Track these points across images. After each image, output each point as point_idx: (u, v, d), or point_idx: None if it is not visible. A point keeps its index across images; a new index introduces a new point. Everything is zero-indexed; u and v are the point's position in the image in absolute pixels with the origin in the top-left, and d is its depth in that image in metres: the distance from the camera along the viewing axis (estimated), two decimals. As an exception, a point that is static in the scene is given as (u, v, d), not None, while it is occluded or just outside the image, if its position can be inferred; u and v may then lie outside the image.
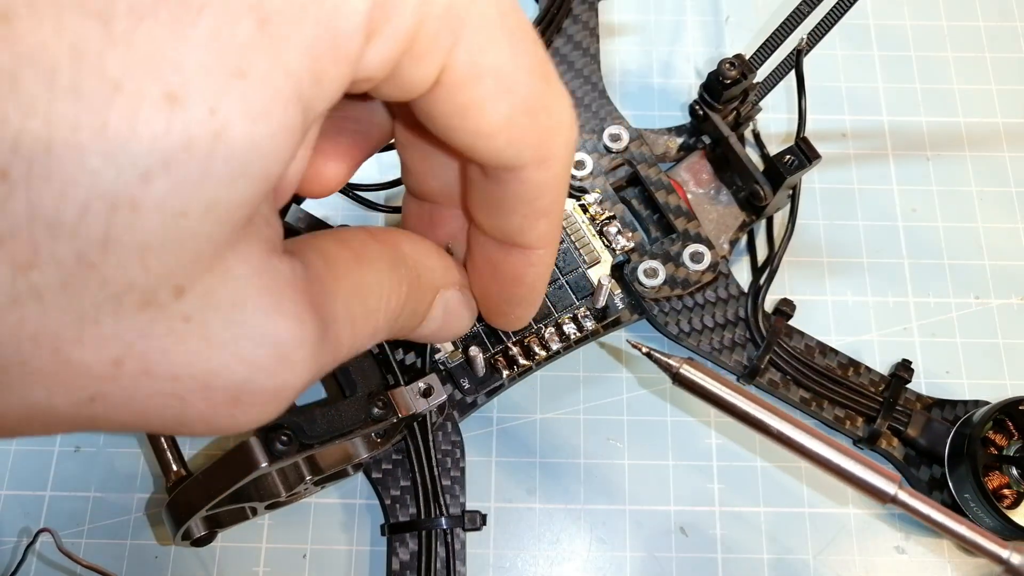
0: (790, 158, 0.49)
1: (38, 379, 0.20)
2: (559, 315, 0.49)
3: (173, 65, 0.19)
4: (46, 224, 0.18)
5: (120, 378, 0.21)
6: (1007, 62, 0.62)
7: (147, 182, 0.19)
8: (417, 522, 0.46)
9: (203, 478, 0.40)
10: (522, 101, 0.27)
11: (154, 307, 0.21)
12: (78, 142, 0.18)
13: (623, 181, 0.53)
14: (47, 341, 0.20)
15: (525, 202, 0.31)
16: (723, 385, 0.38)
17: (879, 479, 0.36)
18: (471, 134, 0.27)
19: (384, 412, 0.40)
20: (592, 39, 0.56)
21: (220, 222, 0.21)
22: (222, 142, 0.19)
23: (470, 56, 0.25)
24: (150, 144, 0.19)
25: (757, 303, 0.51)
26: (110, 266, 0.19)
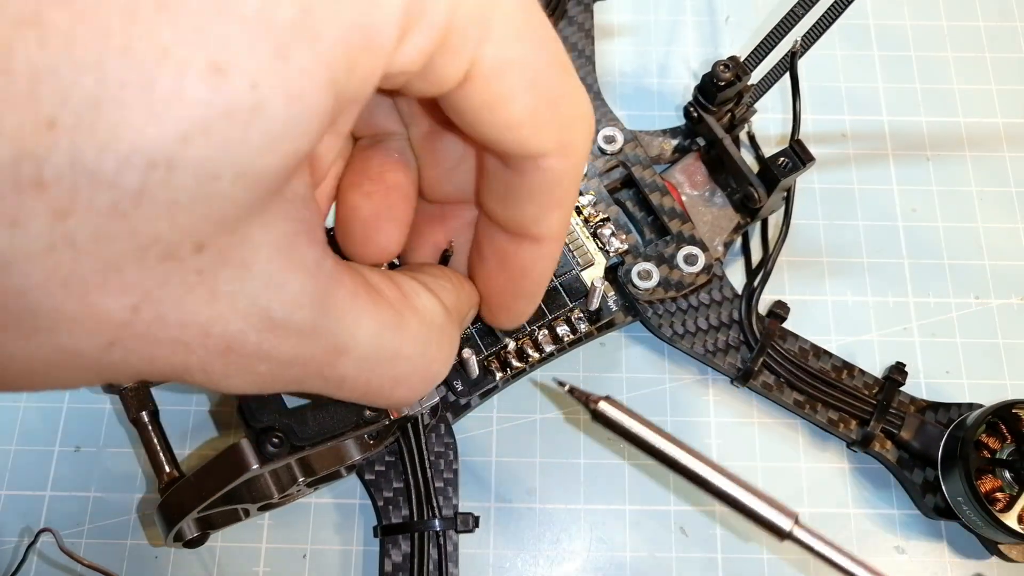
0: (784, 160, 0.49)
1: (65, 324, 0.21)
2: (552, 317, 0.49)
3: (220, 39, 0.20)
4: (87, 174, 0.19)
5: (136, 324, 0.22)
6: (1007, 62, 0.62)
7: (185, 143, 0.20)
8: (410, 524, 0.47)
9: (195, 480, 0.40)
10: (545, 93, 0.28)
11: (174, 260, 0.22)
12: (125, 99, 0.19)
13: (617, 183, 0.53)
14: (76, 286, 0.21)
15: (543, 191, 0.31)
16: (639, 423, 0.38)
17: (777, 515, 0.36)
18: (499, 126, 0.28)
19: (376, 414, 0.40)
20: (587, 41, 0.56)
21: (248, 189, 0.22)
22: (259, 115, 0.21)
23: (497, 50, 0.26)
24: (192, 108, 0.20)
25: (751, 305, 0.51)
26: (141, 218, 0.20)
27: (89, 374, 0.24)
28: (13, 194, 0.19)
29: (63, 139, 0.19)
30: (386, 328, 0.30)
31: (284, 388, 0.28)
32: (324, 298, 0.27)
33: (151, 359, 0.24)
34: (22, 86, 0.18)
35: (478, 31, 0.25)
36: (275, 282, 0.25)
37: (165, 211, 0.21)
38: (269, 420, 0.37)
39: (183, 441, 0.51)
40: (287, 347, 0.26)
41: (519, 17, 0.27)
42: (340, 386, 0.30)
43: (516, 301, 0.37)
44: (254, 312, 0.24)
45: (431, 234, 0.38)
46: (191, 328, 0.23)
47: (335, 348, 0.28)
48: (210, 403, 0.52)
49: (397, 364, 0.31)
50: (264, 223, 0.24)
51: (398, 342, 0.30)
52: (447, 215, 0.37)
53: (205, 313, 0.23)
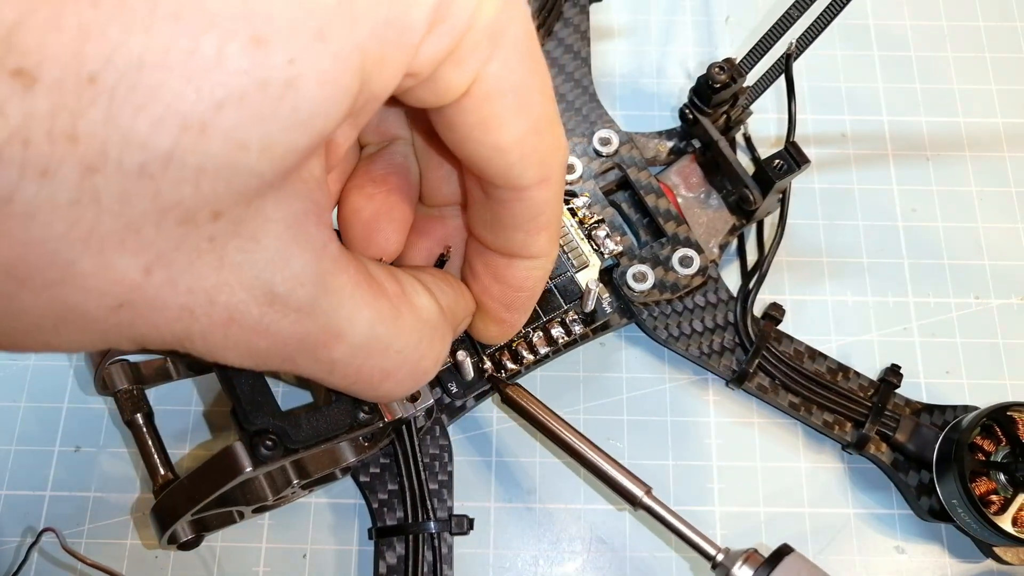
0: (779, 162, 0.49)
1: (78, 281, 0.22)
2: (547, 319, 0.49)
3: (264, 15, 0.21)
4: (120, 132, 0.20)
5: (147, 287, 0.23)
6: (1007, 62, 0.62)
7: (220, 110, 0.21)
8: (404, 526, 0.47)
9: (188, 482, 0.40)
10: (535, 120, 0.29)
11: (190, 225, 0.22)
12: (167, 62, 0.20)
13: (613, 185, 0.53)
14: (95, 243, 0.21)
15: (527, 219, 0.32)
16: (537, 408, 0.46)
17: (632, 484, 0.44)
18: (488, 147, 0.28)
19: (370, 416, 0.40)
20: (583, 42, 0.56)
21: (271, 161, 0.22)
22: (292, 90, 0.21)
23: (500, 70, 0.27)
24: (230, 76, 0.20)
25: (746, 307, 0.51)
26: (167, 181, 0.21)
27: (94, 335, 0.24)
28: (46, 144, 0.19)
29: (102, 96, 0.19)
30: (382, 320, 0.30)
31: (278, 366, 0.29)
32: (326, 280, 0.27)
33: (156, 324, 0.24)
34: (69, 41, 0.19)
35: (488, 48, 0.26)
36: (281, 257, 0.25)
37: (191, 176, 0.21)
38: (263, 423, 0.37)
39: (178, 442, 0.51)
40: (286, 323, 0.27)
41: (524, 42, 0.27)
42: (331, 370, 0.30)
43: (511, 314, 0.38)
44: (258, 284, 0.25)
45: (429, 235, 0.38)
46: (198, 294, 0.24)
47: (331, 331, 0.28)
48: (205, 405, 0.52)
49: (388, 356, 0.31)
50: (278, 199, 0.24)
51: (391, 335, 0.31)
52: (445, 217, 0.38)
53: (212, 279, 0.24)
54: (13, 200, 0.20)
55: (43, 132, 0.19)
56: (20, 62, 0.18)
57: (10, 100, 0.19)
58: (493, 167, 0.29)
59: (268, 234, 0.25)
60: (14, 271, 0.21)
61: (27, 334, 0.23)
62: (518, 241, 0.34)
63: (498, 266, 0.36)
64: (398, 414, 0.42)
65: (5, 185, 0.19)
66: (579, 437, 0.45)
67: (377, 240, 0.36)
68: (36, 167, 0.19)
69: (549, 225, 0.33)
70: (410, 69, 0.25)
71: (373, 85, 0.24)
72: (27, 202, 0.20)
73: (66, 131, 0.19)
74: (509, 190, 0.31)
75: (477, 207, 0.34)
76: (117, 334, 0.24)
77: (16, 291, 0.22)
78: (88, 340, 0.25)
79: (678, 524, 0.44)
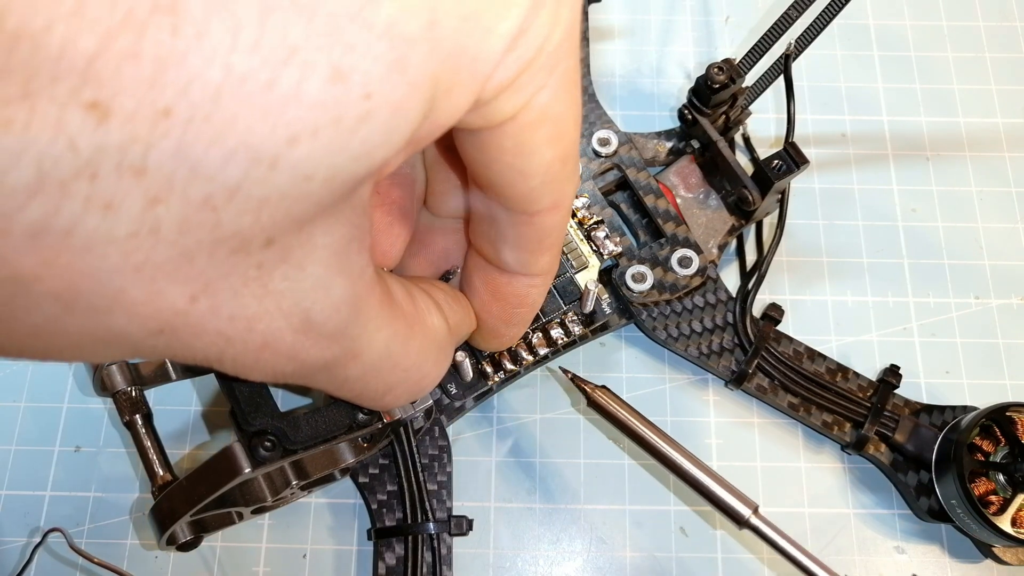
0: (778, 163, 0.49)
1: (126, 308, 0.21)
2: (546, 320, 0.49)
3: (347, 45, 0.20)
4: (189, 165, 0.19)
5: (190, 314, 0.22)
6: (1007, 62, 0.62)
7: (293, 144, 0.20)
8: (403, 527, 0.47)
9: (187, 483, 0.40)
10: (564, 150, 0.28)
11: (242, 253, 0.22)
12: (245, 95, 0.19)
13: (612, 185, 0.53)
14: (148, 272, 0.21)
15: (532, 241, 0.32)
16: (629, 413, 0.45)
17: (738, 503, 0.42)
18: (517, 172, 0.28)
19: (369, 417, 0.40)
20: (582, 43, 0.56)
21: (332, 191, 0.22)
22: (365, 124, 0.21)
23: (549, 99, 0.26)
24: (307, 111, 0.20)
25: (745, 308, 0.51)
26: (229, 212, 0.20)
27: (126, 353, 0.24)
28: (114, 177, 0.19)
29: (175, 128, 0.19)
30: (396, 339, 0.30)
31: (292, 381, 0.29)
32: (359, 304, 0.27)
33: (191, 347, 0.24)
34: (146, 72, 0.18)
35: (545, 76, 0.25)
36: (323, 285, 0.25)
37: (254, 207, 0.21)
38: (262, 424, 0.37)
39: (178, 443, 0.51)
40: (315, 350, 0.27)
41: (574, 72, 0.27)
42: (341, 386, 0.30)
43: (509, 328, 0.38)
44: (297, 312, 0.25)
45: (430, 246, 0.38)
46: (238, 321, 0.24)
47: (350, 352, 0.28)
48: (204, 406, 0.52)
49: (395, 373, 0.31)
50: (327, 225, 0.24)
51: (401, 354, 0.31)
52: (447, 229, 0.38)
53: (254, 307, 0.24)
54: (73, 233, 0.19)
55: (112, 165, 0.18)
56: (96, 94, 0.18)
57: (82, 134, 0.18)
58: (514, 191, 0.29)
59: (314, 261, 0.24)
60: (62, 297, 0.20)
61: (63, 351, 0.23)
62: (520, 260, 0.34)
63: (498, 283, 0.36)
64: (397, 415, 0.42)
65: (67, 218, 0.19)
66: (677, 448, 0.44)
67: (375, 251, 0.36)
68: (101, 200, 0.19)
69: (553, 246, 0.33)
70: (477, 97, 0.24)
71: (439, 114, 0.23)
72: (87, 235, 0.19)
73: (135, 164, 0.19)
74: (520, 214, 0.30)
75: (482, 224, 0.34)
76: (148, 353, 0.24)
77: (61, 315, 0.21)
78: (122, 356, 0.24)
79: (791, 549, 0.42)
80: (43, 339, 0.22)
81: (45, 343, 0.22)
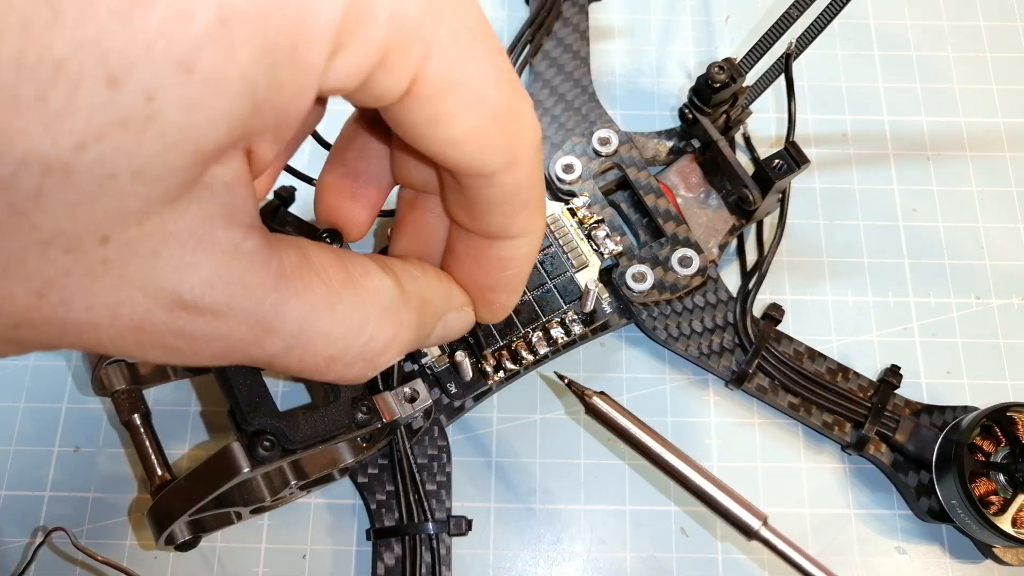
0: (779, 162, 0.49)
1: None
2: (546, 319, 0.49)
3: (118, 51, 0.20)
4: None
5: (42, 308, 0.23)
6: (1007, 62, 0.62)
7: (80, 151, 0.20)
8: (402, 527, 0.47)
9: (185, 483, 0.40)
10: (491, 110, 0.28)
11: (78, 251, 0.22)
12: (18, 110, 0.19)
13: (612, 185, 0.53)
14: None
15: (500, 203, 0.31)
16: (629, 419, 0.43)
17: (746, 515, 0.41)
18: (441, 142, 0.28)
19: (368, 417, 0.40)
20: (582, 42, 0.56)
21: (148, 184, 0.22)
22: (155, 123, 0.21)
23: (441, 68, 0.26)
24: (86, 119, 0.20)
25: (745, 308, 0.51)
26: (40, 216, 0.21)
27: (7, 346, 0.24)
28: None
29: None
30: (316, 308, 0.29)
31: (210, 361, 0.28)
32: (243, 278, 0.26)
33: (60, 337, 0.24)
34: None
35: (421, 48, 0.25)
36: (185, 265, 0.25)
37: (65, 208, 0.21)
38: (261, 423, 0.37)
39: (176, 443, 0.51)
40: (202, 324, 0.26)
41: (466, 33, 0.26)
42: (270, 363, 0.29)
43: (498, 295, 0.37)
44: (163, 294, 0.25)
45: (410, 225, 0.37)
46: (98, 310, 0.24)
47: (259, 327, 0.28)
48: (203, 405, 0.52)
49: (329, 343, 0.30)
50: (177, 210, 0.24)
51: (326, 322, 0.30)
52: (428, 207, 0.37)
53: (112, 297, 0.24)
54: None
55: None
56: None
57: None
58: (451, 159, 0.29)
59: (169, 245, 0.24)
60: None
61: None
62: (495, 224, 0.33)
63: (479, 248, 0.35)
64: (396, 415, 0.42)
65: None
66: (677, 454, 0.43)
67: (341, 221, 0.36)
68: None
69: (527, 205, 0.32)
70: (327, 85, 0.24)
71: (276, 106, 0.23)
72: None
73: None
74: (475, 177, 0.30)
75: (450, 192, 0.33)
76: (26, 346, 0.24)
77: None
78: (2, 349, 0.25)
79: (801, 560, 0.40)
80: None
81: None
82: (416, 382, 0.44)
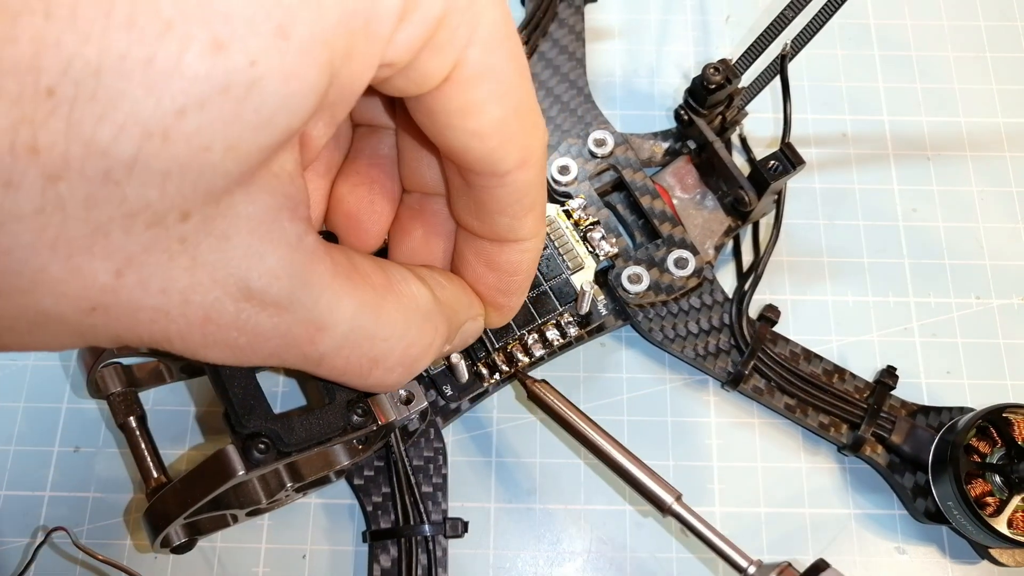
0: (774, 164, 0.49)
1: (50, 286, 0.22)
2: (542, 321, 0.49)
3: (223, 15, 0.20)
4: (82, 142, 0.20)
5: (119, 290, 0.23)
6: (1007, 62, 0.61)
7: (181, 116, 0.21)
8: (398, 529, 0.47)
9: (181, 486, 0.39)
10: (515, 104, 0.28)
11: (160, 227, 0.22)
12: (125, 71, 0.20)
13: (608, 186, 0.53)
14: (63, 249, 0.21)
15: (511, 203, 0.32)
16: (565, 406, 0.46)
17: (662, 490, 0.44)
18: (468, 133, 0.28)
19: (364, 420, 0.40)
20: (578, 43, 0.56)
21: (237, 161, 0.22)
22: (255, 92, 0.21)
23: (480, 55, 0.26)
24: (191, 83, 0.20)
25: (741, 309, 0.51)
26: (132, 186, 0.21)
27: (70, 336, 0.24)
28: (8, 156, 0.19)
29: (61, 107, 0.19)
30: (365, 309, 0.30)
31: (264, 361, 0.29)
32: (303, 273, 0.27)
33: (131, 326, 0.24)
34: (25, 55, 0.19)
35: (467, 32, 0.26)
36: (254, 253, 0.25)
37: (157, 180, 0.21)
38: (256, 426, 0.37)
39: (172, 445, 0.51)
40: (264, 318, 0.27)
41: (501, 26, 0.27)
42: (319, 363, 0.30)
43: (509, 298, 0.38)
44: (232, 282, 0.25)
45: (416, 230, 0.38)
46: (171, 295, 0.24)
47: (314, 324, 0.28)
48: (199, 407, 0.52)
49: (375, 345, 0.31)
50: (248, 195, 0.24)
51: (375, 324, 0.31)
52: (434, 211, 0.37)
53: (185, 280, 0.24)
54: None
55: (6, 146, 0.19)
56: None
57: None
58: (473, 154, 0.29)
59: (240, 231, 0.24)
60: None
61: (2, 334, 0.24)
62: (504, 226, 0.33)
63: (489, 253, 0.36)
64: (392, 417, 0.42)
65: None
66: (606, 437, 0.45)
67: (358, 230, 0.36)
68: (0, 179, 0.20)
69: (534, 206, 0.33)
70: (384, 60, 0.24)
71: (343, 80, 0.24)
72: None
73: (27, 143, 0.19)
74: (489, 176, 0.30)
75: (459, 195, 0.34)
76: (93, 335, 0.24)
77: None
78: (65, 340, 0.25)
79: (708, 533, 0.43)
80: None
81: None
82: (412, 384, 0.44)
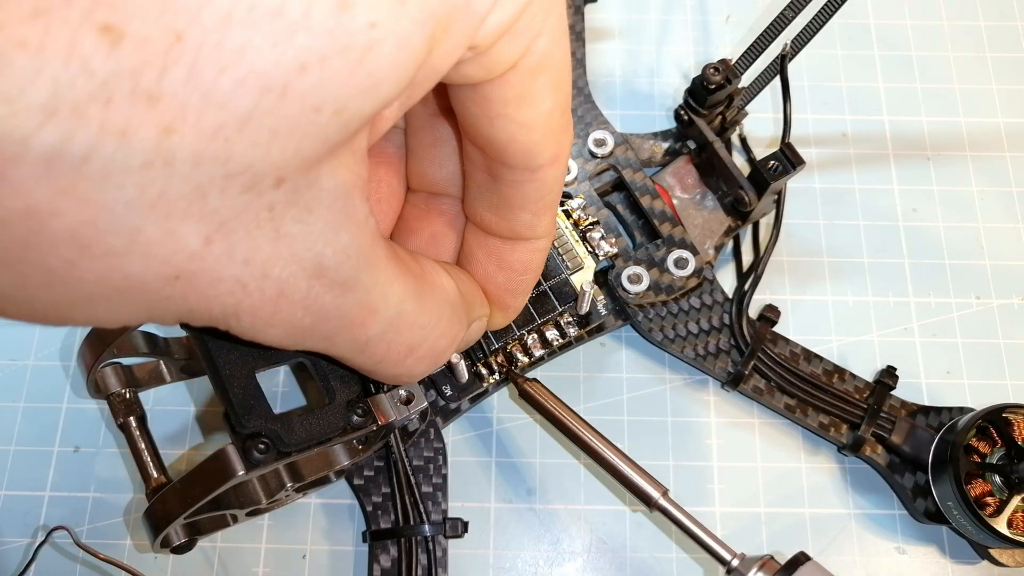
0: (774, 164, 0.49)
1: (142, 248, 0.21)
2: (541, 321, 0.49)
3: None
4: (201, 93, 0.19)
5: (206, 257, 0.23)
6: (1007, 62, 0.61)
7: (302, 72, 0.20)
8: (398, 529, 0.47)
9: (181, 486, 0.39)
10: (564, 98, 0.29)
11: (253, 192, 0.22)
12: (253, 20, 0.19)
13: (608, 186, 0.53)
14: (162, 208, 0.21)
15: (536, 199, 0.32)
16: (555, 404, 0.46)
17: (648, 485, 0.44)
18: (520, 124, 0.28)
19: (364, 420, 0.40)
20: (578, 43, 0.56)
21: (339, 126, 0.22)
22: (371, 55, 0.21)
23: (546, 46, 0.26)
24: (315, 38, 0.20)
25: (741, 309, 0.51)
26: (240, 143, 0.21)
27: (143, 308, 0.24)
28: (128, 103, 0.19)
29: (187, 54, 0.19)
30: (409, 295, 0.30)
31: (313, 346, 0.29)
32: (368, 253, 0.27)
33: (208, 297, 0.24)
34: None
35: (543, 20, 0.26)
36: (332, 229, 0.25)
37: (265, 139, 0.21)
38: (255, 426, 0.37)
39: (172, 445, 0.51)
40: (329, 298, 0.27)
41: (563, 18, 0.27)
42: (363, 349, 0.30)
43: (516, 297, 0.38)
44: (309, 257, 0.25)
45: (421, 231, 0.38)
46: (253, 266, 0.24)
47: (368, 306, 0.28)
48: (199, 407, 0.52)
49: (414, 332, 0.31)
50: (332, 168, 0.24)
51: (417, 311, 0.31)
52: (441, 211, 0.38)
53: (267, 251, 0.24)
54: (89, 160, 0.19)
55: (126, 91, 0.19)
56: (108, 17, 0.18)
57: (96, 56, 0.18)
58: (518, 147, 0.29)
59: (321, 204, 0.24)
60: (80, 235, 0.20)
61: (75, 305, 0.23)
62: (524, 222, 0.34)
63: (501, 251, 0.36)
64: (392, 417, 0.42)
65: (82, 144, 0.19)
66: (596, 435, 0.45)
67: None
68: (115, 127, 0.19)
69: (553, 204, 0.33)
70: (473, 41, 0.24)
71: (435, 57, 0.23)
72: (103, 163, 0.19)
73: (148, 90, 0.19)
74: (523, 170, 0.30)
75: (481, 191, 0.34)
76: (164, 308, 0.24)
77: (78, 257, 0.21)
78: (136, 314, 0.24)
79: (694, 527, 0.43)
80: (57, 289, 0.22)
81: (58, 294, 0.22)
82: (411, 384, 0.44)
